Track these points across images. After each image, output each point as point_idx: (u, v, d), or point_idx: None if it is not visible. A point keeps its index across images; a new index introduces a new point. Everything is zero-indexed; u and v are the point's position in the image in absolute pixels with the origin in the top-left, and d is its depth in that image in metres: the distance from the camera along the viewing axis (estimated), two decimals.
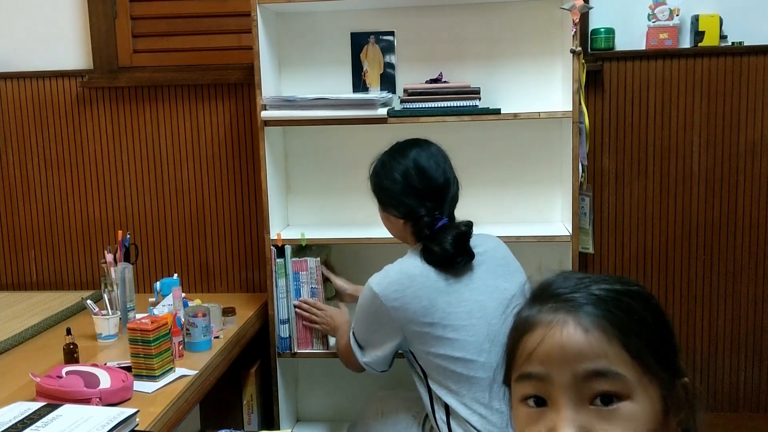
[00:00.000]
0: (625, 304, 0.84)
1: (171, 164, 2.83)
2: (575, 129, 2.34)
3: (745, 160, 2.63)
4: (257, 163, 2.64)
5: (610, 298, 0.84)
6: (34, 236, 2.92)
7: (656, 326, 0.85)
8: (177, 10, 2.78)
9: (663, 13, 2.56)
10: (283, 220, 2.69)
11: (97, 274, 2.86)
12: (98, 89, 2.81)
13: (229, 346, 2.27)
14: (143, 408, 1.71)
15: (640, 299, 0.86)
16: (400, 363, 2.81)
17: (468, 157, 2.65)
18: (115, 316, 2.26)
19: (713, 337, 2.73)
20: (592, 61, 2.59)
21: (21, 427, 1.54)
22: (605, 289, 0.85)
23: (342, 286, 2.54)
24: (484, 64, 2.59)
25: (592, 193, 2.63)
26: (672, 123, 2.64)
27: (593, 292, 0.85)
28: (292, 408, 2.80)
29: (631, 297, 0.85)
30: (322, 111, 2.41)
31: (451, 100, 2.42)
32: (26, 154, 2.88)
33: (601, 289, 0.85)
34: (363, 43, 2.62)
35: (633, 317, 0.83)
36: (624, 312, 0.83)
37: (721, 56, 2.59)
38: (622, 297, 0.85)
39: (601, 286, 0.86)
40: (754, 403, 2.75)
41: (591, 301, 0.84)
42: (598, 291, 0.85)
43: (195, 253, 2.87)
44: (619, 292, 0.85)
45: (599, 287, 0.86)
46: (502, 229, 2.51)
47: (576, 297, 0.85)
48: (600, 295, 0.84)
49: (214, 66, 2.78)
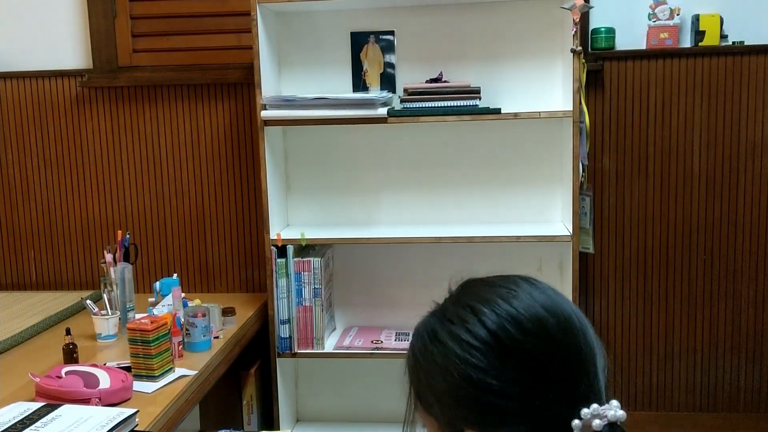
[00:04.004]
0: (412, 340, 0.95)
1: (171, 164, 2.83)
2: (576, 129, 2.34)
3: (746, 160, 2.63)
4: (257, 163, 2.64)
5: (416, 334, 0.94)
6: (34, 236, 2.92)
7: (423, 369, 0.90)
8: (177, 9, 2.78)
9: (663, 13, 2.56)
10: (283, 220, 2.68)
11: (96, 274, 2.86)
12: (98, 89, 2.81)
13: (228, 346, 2.26)
14: (143, 408, 1.71)
15: (425, 343, 0.91)
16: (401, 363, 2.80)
17: (468, 157, 2.65)
18: (115, 316, 2.25)
19: (713, 337, 2.73)
20: (593, 60, 2.59)
21: (20, 427, 1.54)
22: (423, 318, 0.95)
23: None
24: (484, 63, 2.59)
25: (593, 192, 2.62)
26: (672, 123, 2.64)
27: (420, 323, 0.95)
28: (292, 408, 2.80)
29: (422, 336, 0.93)
30: (322, 111, 2.41)
31: (451, 99, 2.41)
32: (26, 153, 2.88)
33: (423, 318, 0.95)
34: (363, 42, 2.62)
35: (408, 354, 0.94)
36: (410, 352, 0.94)
37: (721, 56, 2.58)
38: (415, 333, 0.95)
39: (428, 315, 0.95)
40: (754, 403, 2.75)
41: (415, 371, 0.93)
42: (422, 322, 0.95)
43: (195, 253, 2.86)
44: (422, 325, 0.94)
45: (429, 317, 0.94)
46: (502, 229, 2.51)
47: (414, 362, 0.94)
48: (418, 327, 0.95)
49: (214, 66, 2.77)
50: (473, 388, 0.84)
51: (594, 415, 0.81)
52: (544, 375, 0.83)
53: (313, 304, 2.51)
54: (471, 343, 0.85)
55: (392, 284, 2.74)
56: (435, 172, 2.67)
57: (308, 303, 2.51)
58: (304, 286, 2.50)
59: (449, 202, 2.67)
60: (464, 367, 0.84)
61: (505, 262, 2.66)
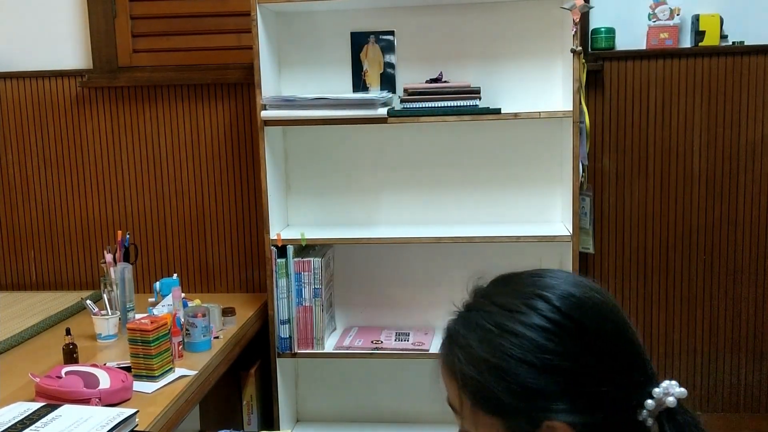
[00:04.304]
0: (462, 342, 0.89)
1: (171, 164, 2.83)
2: (576, 129, 2.34)
3: (746, 161, 2.63)
4: (257, 163, 2.64)
5: (452, 333, 0.91)
6: (34, 236, 2.92)
7: (494, 367, 0.85)
8: (177, 9, 2.78)
9: (663, 13, 2.56)
10: (283, 220, 2.68)
11: (96, 274, 2.86)
12: (98, 89, 2.81)
13: (228, 346, 2.26)
14: (143, 408, 1.71)
15: (492, 338, 0.86)
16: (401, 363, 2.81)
17: (468, 157, 2.65)
18: (115, 317, 2.25)
19: (713, 337, 2.73)
20: (593, 60, 2.59)
21: (20, 427, 1.54)
22: (462, 319, 0.91)
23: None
24: (484, 63, 2.59)
25: (593, 192, 2.62)
26: (672, 123, 2.64)
27: (449, 325, 0.92)
28: (292, 408, 2.80)
29: (479, 334, 0.87)
30: (322, 111, 2.41)
31: (451, 99, 2.41)
32: (26, 153, 2.88)
33: (460, 319, 0.91)
34: (363, 42, 2.62)
35: (460, 357, 0.88)
36: (456, 350, 0.89)
37: (721, 56, 2.58)
38: (462, 334, 0.89)
39: (469, 314, 0.91)
40: (754, 403, 2.75)
41: (445, 333, 0.92)
42: (453, 323, 0.91)
43: (195, 253, 2.86)
44: (471, 325, 0.89)
45: (463, 315, 0.91)
46: (502, 229, 2.51)
47: (450, 320, 0.92)
48: (449, 328, 0.92)
49: (214, 66, 2.77)
50: (555, 375, 0.83)
51: (665, 393, 0.83)
52: (613, 350, 0.85)
53: (313, 304, 2.51)
54: (547, 327, 0.84)
55: (392, 284, 2.74)
56: (435, 172, 2.67)
57: (308, 303, 2.51)
58: (304, 286, 2.50)
59: (449, 202, 2.67)
60: (541, 354, 0.83)
61: (505, 262, 2.65)
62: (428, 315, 2.72)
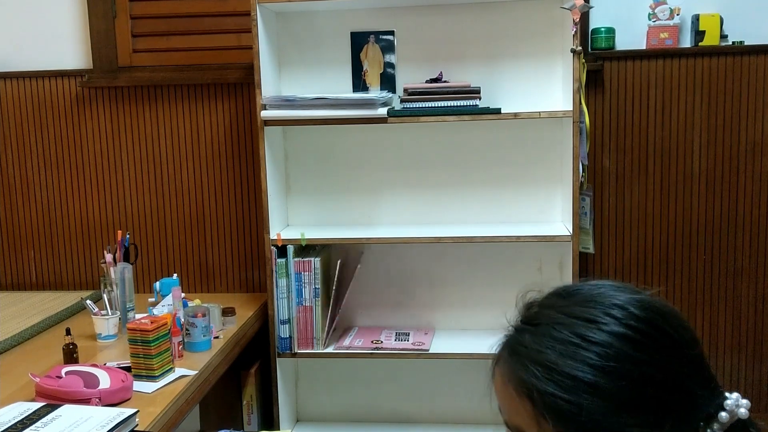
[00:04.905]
0: (537, 357, 0.80)
1: (171, 164, 2.83)
2: (576, 129, 2.34)
3: (746, 160, 2.63)
4: (257, 163, 2.64)
5: (517, 348, 0.82)
6: (34, 236, 2.92)
7: (587, 383, 0.78)
8: (176, 9, 2.78)
9: (663, 13, 2.56)
10: (283, 220, 2.68)
11: (96, 274, 2.86)
12: (98, 89, 2.81)
13: (228, 346, 2.26)
14: (143, 408, 1.71)
15: (574, 350, 0.79)
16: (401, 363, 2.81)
17: (468, 157, 2.65)
18: (115, 317, 2.25)
19: (713, 337, 2.73)
20: (593, 60, 2.59)
21: (20, 427, 1.54)
22: (529, 333, 0.83)
23: None
24: (484, 63, 2.59)
25: (593, 192, 2.62)
26: (672, 123, 2.64)
27: (510, 340, 0.84)
28: (292, 408, 2.80)
29: (559, 348, 0.80)
30: (322, 111, 2.41)
31: (451, 99, 2.41)
32: (26, 153, 2.88)
33: (526, 334, 0.83)
34: (363, 42, 2.62)
35: (537, 374, 0.80)
36: (529, 366, 0.80)
37: (721, 56, 2.58)
38: (535, 349, 0.81)
39: (537, 328, 0.83)
40: (754, 403, 2.74)
41: (505, 349, 0.84)
42: (516, 337, 0.84)
43: (195, 253, 2.86)
44: (545, 338, 0.81)
45: (529, 329, 0.83)
46: (503, 229, 2.51)
47: (509, 335, 0.85)
48: (511, 343, 0.83)
49: (214, 66, 2.77)
50: (637, 384, 0.78)
51: (737, 405, 0.81)
52: (684, 356, 0.81)
53: (313, 304, 2.51)
54: (628, 334, 0.79)
55: (392, 284, 2.74)
56: (435, 172, 2.67)
57: (308, 303, 2.51)
58: (304, 286, 2.50)
59: (449, 202, 2.67)
60: (625, 362, 0.78)
61: (505, 262, 2.66)
62: (428, 315, 2.72)
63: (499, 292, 2.65)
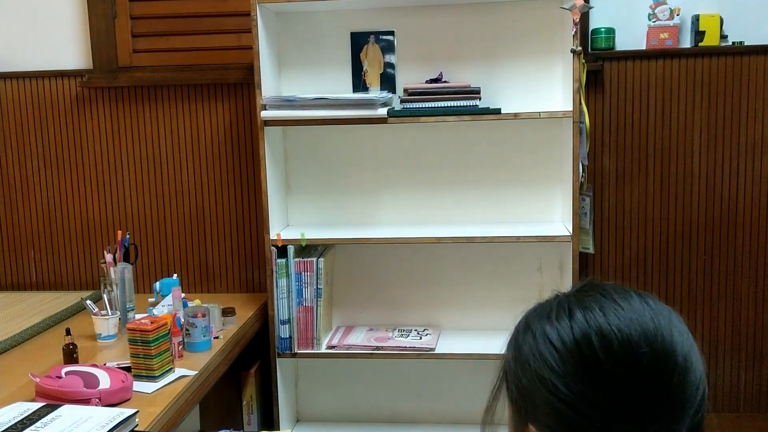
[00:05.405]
0: (516, 326, 0.86)
1: (171, 164, 2.83)
2: (575, 129, 2.34)
3: (746, 160, 2.63)
4: (257, 163, 2.64)
5: (518, 358, 0.84)
6: (34, 236, 2.92)
7: (564, 398, 0.77)
8: (176, 9, 2.78)
9: (663, 13, 2.56)
10: (283, 220, 2.68)
11: (96, 275, 2.86)
12: (98, 89, 2.81)
13: (228, 346, 2.26)
14: (143, 408, 1.71)
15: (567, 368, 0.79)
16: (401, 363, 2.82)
17: (468, 157, 2.65)
18: (115, 317, 2.25)
19: (713, 337, 2.73)
20: (593, 60, 2.59)
21: (20, 427, 1.54)
22: (529, 311, 0.86)
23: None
24: (484, 64, 2.59)
25: (593, 192, 2.62)
26: (672, 123, 2.64)
27: (519, 342, 0.85)
28: (292, 408, 2.80)
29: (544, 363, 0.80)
30: (322, 111, 2.41)
31: (451, 99, 2.41)
32: (26, 154, 2.88)
33: (530, 339, 0.84)
34: (363, 42, 2.62)
35: (512, 342, 0.85)
36: (512, 335, 0.86)
37: (721, 56, 2.58)
38: (519, 323, 0.86)
39: (539, 331, 0.83)
40: (754, 403, 2.75)
41: (509, 349, 0.87)
42: (524, 341, 0.84)
43: (195, 253, 2.86)
44: (524, 320, 0.85)
45: (537, 306, 0.86)
46: (502, 229, 2.51)
47: (510, 341, 0.87)
48: (519, 348, 0.85)
49: (214, 66, 2.77)
50: (544, 388, 0.78)
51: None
52: (617, 402, 0.76)
53: (313, 304, 2.51)
54: (554, 344, 0.79)
55: (392, 284, 2.74)
56: (435, 172, 2.67)
57: (308, 303, 2.51)
58: (304, 286, 2.50)
59: (449, 202, 2.67)
60: (541, 364, 0.79)
61: (505, 262, 2.66)
62: (428, 315, 2.72)
63: (498, 293, 2.65)
